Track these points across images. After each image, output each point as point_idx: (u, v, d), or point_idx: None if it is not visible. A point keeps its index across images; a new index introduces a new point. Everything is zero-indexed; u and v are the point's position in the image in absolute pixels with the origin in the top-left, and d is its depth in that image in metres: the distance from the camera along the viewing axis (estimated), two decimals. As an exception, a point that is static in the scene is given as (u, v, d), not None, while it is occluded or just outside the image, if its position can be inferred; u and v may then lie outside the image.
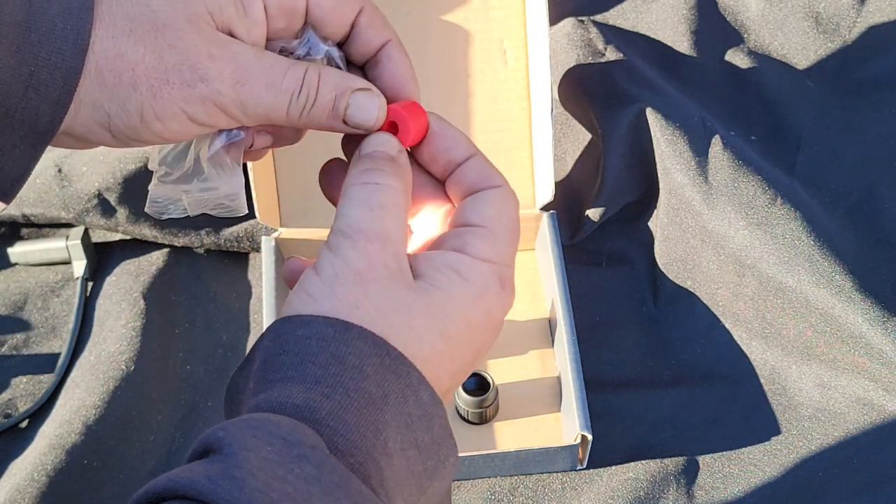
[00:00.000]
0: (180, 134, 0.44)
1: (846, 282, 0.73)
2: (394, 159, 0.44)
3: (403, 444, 0.38)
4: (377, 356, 0.39)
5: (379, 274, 0.40)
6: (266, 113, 0.44)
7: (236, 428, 0.36)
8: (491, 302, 0.42)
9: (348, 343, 0.38)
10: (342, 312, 0.39)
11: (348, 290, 0.40)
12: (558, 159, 0.87)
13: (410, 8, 0.78)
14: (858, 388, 0.74)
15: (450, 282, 0.41)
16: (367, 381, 0.38)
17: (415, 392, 0.39)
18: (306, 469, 0.35)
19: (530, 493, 0.71)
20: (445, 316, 0.41)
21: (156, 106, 0.43)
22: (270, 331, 0.40)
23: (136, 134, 0.44)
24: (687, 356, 0.78)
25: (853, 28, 0.94)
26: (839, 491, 0.70)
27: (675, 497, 0.71)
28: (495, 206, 0.44)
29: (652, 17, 0.95)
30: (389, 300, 0.40)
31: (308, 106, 0.44)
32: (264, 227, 0.81)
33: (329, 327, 0.39)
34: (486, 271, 0.42)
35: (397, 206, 0.42)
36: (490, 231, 0.43)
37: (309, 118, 0.44)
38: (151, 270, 0.81)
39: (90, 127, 0.43)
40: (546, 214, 0.79)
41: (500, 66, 0.79)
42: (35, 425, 0.74)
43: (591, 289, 0.81)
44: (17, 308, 0.81)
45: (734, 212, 0.77)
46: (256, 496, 0.33)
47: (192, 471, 0.34)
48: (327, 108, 0.44)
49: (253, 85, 0.43)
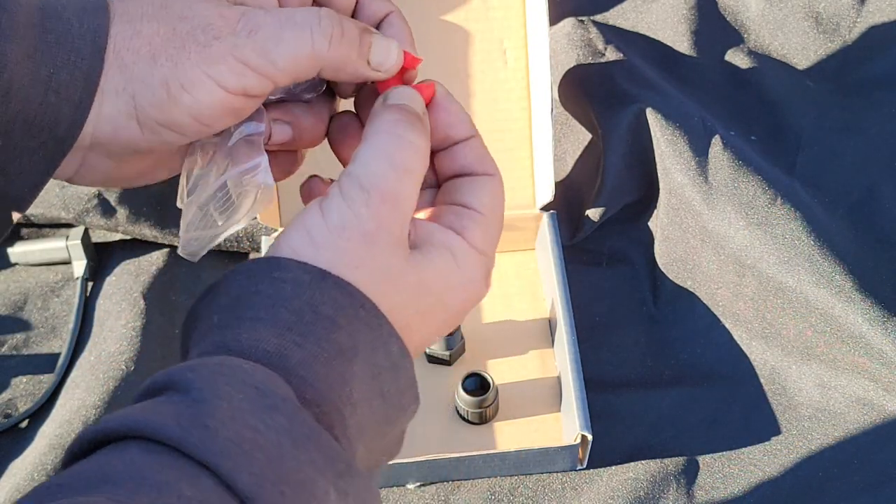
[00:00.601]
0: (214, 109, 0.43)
1: (846, 282, 0.73)
2: (420, 118, 0.43)
3: (369, 393, 0.39)
4: (352, 307, 0.39)
5: (383, 240, 0.40)
6: (292, 53, 0.42)
7: (208, 371, 0.35)
8: (473, 292, 0.44)
9: (324, 292, 0.38)
10: (340, 269, 0.39)
11: (353, 249, 0.40)
12: (558, 159, 0.87)
13: (410, 8, 0.78)
14: (858, 388, 0.74)
15: (444, 263, 0.42)
16: (339, 332, 0.38)
17: (384, 344, 0.39)
18: (277, 420, 0.35)
19: (530, 493, 0.71)
20: (430, 296, 0.42)
21: (179, 75, 0.42)
22: (245, 267, 0.40)
23: (166, 115, 0.42)
24: (687, 356, 0.78)
25: (853, 28, 0.94)
26: (839, 491, 0.70)
27: (675, 497, 0.71)
28: (491, 195, 0.45)
29: (652, 17, 0.95)
30: (385, 267, 0.40)
31: (337, 36, 0.43)
32: (264, 227, 0.81)
33: (305, 273, 0.39)
34: (477, 262, 0.43)
35: (419, 171, 0.42)
36: (486, 219, 0.44)
37: (340, 49, 0.43)
38: (151, 270, 0.81)
39: (117, 121, 0.42)
40: (546, 214, 0.79)
41: (500, 66, 0.79)
42: (35, 425, 0.74)
43: (591, 289, 0.81)
44: (17, 308, 0.81)
45: (734, 212, 0.77)
46: (228, 446, 0.33)
47: (158, 412, 0.34)
48: (355, 42, 0.43)
49: (267, 28, 0.42)
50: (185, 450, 0.33)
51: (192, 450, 0.33)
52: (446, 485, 0.72)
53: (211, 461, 0.33)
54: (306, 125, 0.47)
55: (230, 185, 0.46)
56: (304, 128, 0.47)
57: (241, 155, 0.45)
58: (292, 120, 0.47)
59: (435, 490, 0.72)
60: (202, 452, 0.33)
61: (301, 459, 0.34)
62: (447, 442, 0.73)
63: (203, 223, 0.46)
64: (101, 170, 0.45)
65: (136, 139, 0.43)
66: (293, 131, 0.47)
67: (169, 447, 0.33)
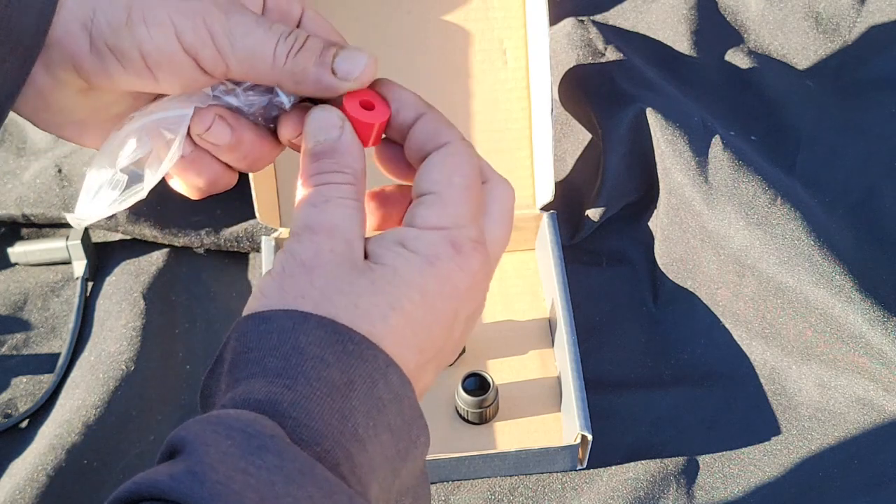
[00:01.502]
0: (162, 56, 0.42)
1: (846, 282, 0.73)
2: (334, 148, 0.42)
3: (376, 428, 0.38)
4: (339, 343, 0.38)
5: (325, 260, 0.40)
6: (253, 48, 0.42)
7: (197, 426, 0.35)
8: (445, 267, 0.40)
9: (308, 333, 0.38)
10: (289, 303, 0.39)
11: (294, 282, 0.39)
12: (558, 159, 0.87)
13: (410, 8, 0.78)
14: (858, 388, 0.74)
15: (394, 255, 0.40)
16: (329, 370, 0.37)
17: (384, 375, 0.38)
18: (267, 459, 0.34)
19: (530, 493, 0.71)
20: (393, 289, 0.39)
21: (146, 7, 0.42)
22: (235, 330, 0.40)
23: (117, 38, 0.42)
24: (687, 356, 0.78)
25: (853, 28, 0.94)
26: (839, 491, 0.70)
27: (675, 497, 0.71)
28: (443, 168, 0.42)
29: (652, 17, 0.95)
30: (333, 282, 0.39)
31: (296, 47, 0.43)
32: (264, 227, 0.81)
33: (288, 320, 0.38)
34: (434, 238, 0.41)
35: (342, 195, 0.41)
36: (437, 196, 0.42)
37: (296, 62, 0.43)
38: (151, 270, 0.81)
39: (70, 27, 0.42)
40: (546, 214, 0.79)
41: (500, 66, 0.79)
42: (35, 425, 0.74)
43: (591, 289, 0.81)
44: (17, 308, 0.81)
45: (734, 212, 0.77)
46: (217, 489, 0.33)
47: (157, 471, 0.34)
48: (315, 53, 0.43)
49: (243, 16, 0.43)
50: (179, 500, 0.33)
51: (184, 498, 0.33)
52: (446, 485, 0.72)
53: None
54: (247, 139, 0.46)
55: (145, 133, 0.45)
56: (245, 140, 0.46)
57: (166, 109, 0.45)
58: (235, 126, 0.46)
59: (435, 490, 0.72)
60: (193, 499, 0.33)
61: (297, 496, 0.34)
62: (447, 442, 0.73)
63: (109, 181, 0.45)
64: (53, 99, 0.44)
65: (82, 55, 0.42)
66: (233, 137, 0.46)
67: (169, 502, 0.33)
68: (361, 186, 0.43)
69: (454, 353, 0.44)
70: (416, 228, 0.41)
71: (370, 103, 0.44)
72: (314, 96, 0.45)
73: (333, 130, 0.43)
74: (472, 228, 0.42)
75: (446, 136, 0.43)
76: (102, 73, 0.43)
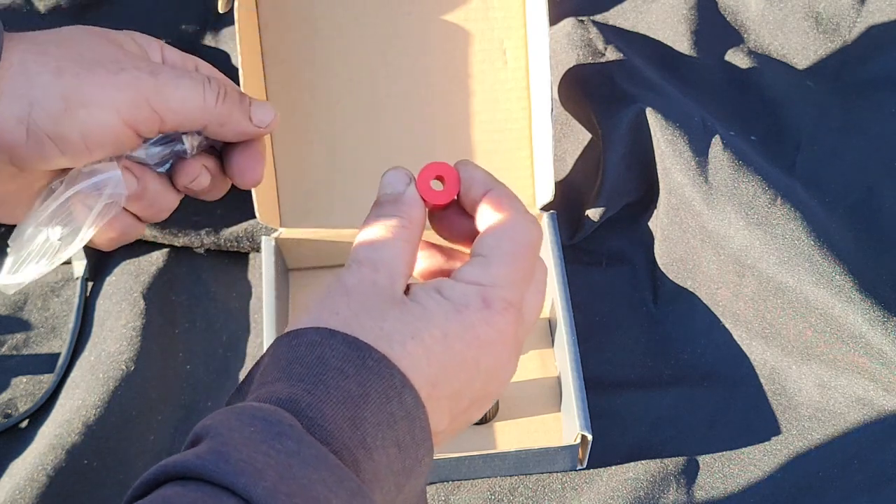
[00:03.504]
0: (104, 133, 0.46)
1: (846, 282, 0.73)
2: (397, 199, 0.46)
3: (384, 441, 0.40)
4: (359, 358, 0.40)
5: (365, 288, 0.43)
6: (184, 99, 0.47)
7: (220, 415, 0.38)
8: (471, 316, 0.43)
9: (333, 347, 0.41)
10: (323, 320, 0.42)
11: (332, 301, 0.43)
12: (558, 159, 0.87)
13: (410, 8, 0.78)
14: (858, 388, 0.74)
15: (428, 297, 0.44)
16: (347, 381, 0.40)
17: (398, 394, 0.41)
18: (286, 444, 0.37)
19: (530, 493, 0.72)
20: (417, 322, 0.42)
21: (82, 91, 0.45)
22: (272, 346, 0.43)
23: (57, 126, 0.45)
24: (687, 356, 0.78)
25: (853, 28, 0.94)
26: (839, 491, 0.71)
27: (675, 497, 0.71)
28: (495, 235, 0.45)
29: (652, 17, 0.95)
30: (366, 307, 0.42)
31: (222, 94, 0.48)
32: (264, 227, 0.81)
33: (317, 335, 0.41)
34: (468, 290, 0.44)
35: (395, 237, 0.45)
36: (484, 259, 0.45)
37: (225, 106, 0.48)
38: (151, 270, 0.81)
39: (6, 123, 0.44)
40: (546, 214, 0.79)
41: (500, 66, 0.79)
42: (35, 425, 0.74)
43: (591, 289, 0.81)
44: (17, 308, 0.81)
45: (734, 212, 0.77)
46: (241, 465, 0.35)
47: (183, 454, 0.37)
48: (237, 99, 0.49)
49: (168, 74, 0.47)
50: (206, 476, 0.35)
51: (211, 474, 0.35)
52: (446, 485, 0.72)
53: (227, 480, 0.35)
54: (152, 188, 0.50)
55: (76, 201, 0.48)
56: (149, 189, 0.50)
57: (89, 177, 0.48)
58: (141, 176, 0.50)
59: (435, 490, 0.72)
60: (219, 474, 0.35)
61: (312, 478, 0.36)
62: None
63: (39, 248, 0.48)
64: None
65: (18, 146, 0.45)
66: (139, 186, 0.50)
67: (195, 480, 0.35)
68: (415, 231, 0.46)
69: (477, 408, 0.46)
70: (454, 280, 0.44)
71: (442, 177, 0.47)
72: (232, 140, 0.51)
73: (400, 185, 0.47)
74: (508, 290, 0.44)
75: (507, 206, 0.46)
76: (38, 158, 0.46)
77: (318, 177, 0.80)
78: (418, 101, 0.79)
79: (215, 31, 0.95)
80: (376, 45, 0.79)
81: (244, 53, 0.73)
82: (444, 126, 0.79)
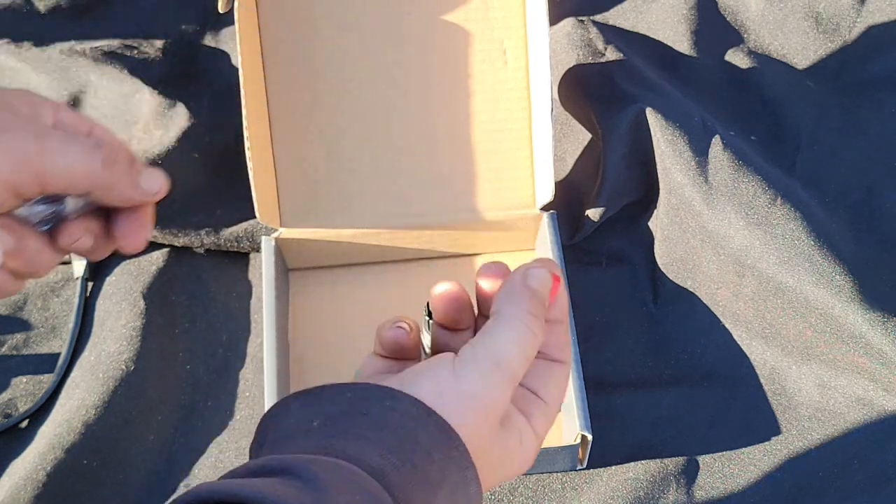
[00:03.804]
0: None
1: (846, 282, 0.73)
2: (544, 309, 0.48)
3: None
4: (447, 447, 0.42)
5: (493, 414, 0.45)
6: (70, 164, 0.46)
7: (326, 466, 0.39)
8: (522, 466, 0.48)
9: (427, 428, 0.42)
10: (425, 395, 0.43)
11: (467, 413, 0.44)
12: (558, 159, 0.87)
13: (411, 8, 0.78)
14: (858, 388, 0.74)
15: (514, 442, 0.47)
16: (432, 466, 0.42)
17: (466, 485, 0.43)
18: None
19: (530, 493, 0.71)
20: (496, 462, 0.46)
21: None
22: (358, 387, 0.44)
23: None
24: (687, 356, 0.78)
25: (853, 28, 0.94)
26: (839, 491, 0.71)
27: (675, 497, 0.71)
28: (558, 385, 0.49)
29: (652, 17, 0.95)
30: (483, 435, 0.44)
31: (111, 160, 0.47)
32: (264, 227, 0.81)
33: (413, 408, 0.43)
34: (535, 446, 0.48)
35: (532, 356, 0.46)
36: (549, 408, 0.49)
37: (112, 172, 0.47)
38: (151, 270, 0.81)
39: None
40: (546, 214, 0.79)
41: (500, 66, 0.79)
42: (35, 425, 0.74)
43: (591, 289, 0.81)
44: (17, 308, 0.81)
45: (734, 212, 0.77)
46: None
47: (279, 491, 0.37)
48: (125, 166, 0.48)
49: (55, 139, 0.46)
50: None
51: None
52: (446, 485, 0.72)
53: None
54: (31, 246, 0.49)
55: None
56: (29, 248, 0.49)
57: None
58: (21, 234, 0.49)
59: (435, 490, 0.72)
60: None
61: None
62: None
63: None
64: None
65: None
66: (15, 243, 0.49)
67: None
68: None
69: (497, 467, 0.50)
70: (532, 429, 0.48)
71: None
72: (118, 206, 0.50)
73: (548, 292, 0.49)
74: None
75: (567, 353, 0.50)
76: None
77: (318, 177, 0.80)
78: (418, 101, 0.79)
79: (215, 31, 0.95)
80: (376, 45, 0.79)
81: (244, 53, 0.73)
82: (444, 126, 0.79)
